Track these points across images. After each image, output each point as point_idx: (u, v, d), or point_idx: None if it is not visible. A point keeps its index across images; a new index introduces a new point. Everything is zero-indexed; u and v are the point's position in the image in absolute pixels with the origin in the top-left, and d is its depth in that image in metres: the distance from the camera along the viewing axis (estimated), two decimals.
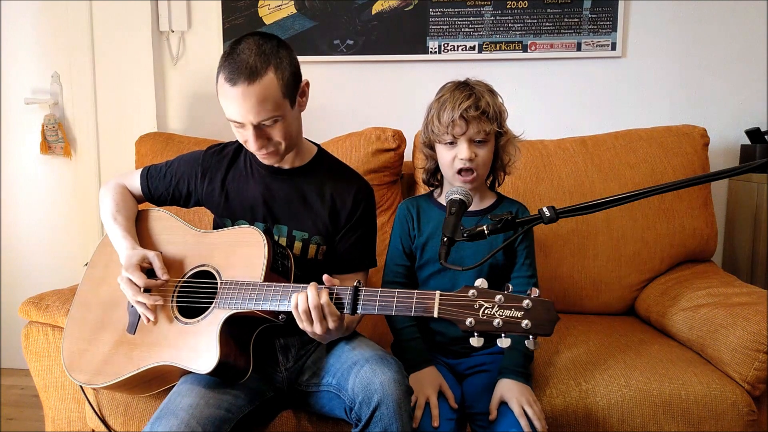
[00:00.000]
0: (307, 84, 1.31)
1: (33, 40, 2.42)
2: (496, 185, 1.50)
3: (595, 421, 1.37)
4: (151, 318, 1.25)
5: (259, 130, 1.22)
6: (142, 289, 1.24)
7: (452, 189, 1.20)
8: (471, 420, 1.34)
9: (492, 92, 1.37)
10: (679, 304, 1.66)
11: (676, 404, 1.37)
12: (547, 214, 1.04)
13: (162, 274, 1.27)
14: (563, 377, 1.42)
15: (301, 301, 1.12)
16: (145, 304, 1.24)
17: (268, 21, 2.34)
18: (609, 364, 1.46)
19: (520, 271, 1.42)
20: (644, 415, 1.37)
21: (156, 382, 1.33)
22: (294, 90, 1.25)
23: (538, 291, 1.00)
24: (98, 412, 1.49)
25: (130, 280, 1.24)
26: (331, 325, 1.13)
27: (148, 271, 1.29)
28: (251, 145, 1.25)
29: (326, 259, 1.39)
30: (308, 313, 1.12)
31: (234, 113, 1.20)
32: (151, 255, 1.29)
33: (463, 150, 1.33)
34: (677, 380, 1.39)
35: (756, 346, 1.36)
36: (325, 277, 1.15)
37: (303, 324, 1.15)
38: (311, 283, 1.14)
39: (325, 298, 1.11)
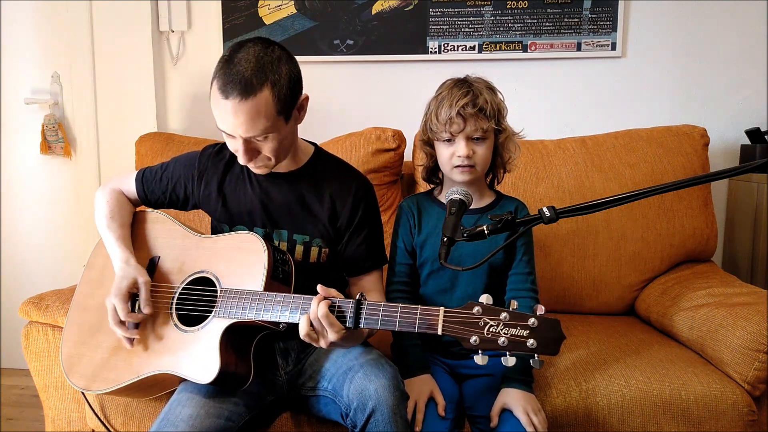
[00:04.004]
0: (307, 99, 1.26)
1: (33, 40, 2.41)
2: (496, 183, 1.50)
3: (596, 421, 1.37)
4: (128, 347, 1.25)
5: (249, 143, 1.19)
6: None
7: (452, 189, 1.19)
8: (471, 422, 1.34)
9: (491, 89, 1.37)
10: (679, 304, 1.66)
11: (676, 404, 1.37)
12: (547, 214, 1.04)
13: (144, 306, 1.24)
14: (563, 377, 1.42)
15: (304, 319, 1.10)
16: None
17: (268, 21, 2.33)
18: (609, 365, 1.46)
19: (518, 267, 1.41)
20: (644, 415, 1.37)
21: (156, 387, 1.33)
22: (290, 106, 1.20)
23: (543, 308, 1.00)
24: (98, 414, 1.49)
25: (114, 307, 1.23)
26: (332, 337, 1.09)
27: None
28: (240, 158, 1.22)
29: (330, 262, 1.37)
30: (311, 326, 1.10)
31: (224, 125, 1.17)
32: (141, 282, 1.25)
33: (461, 147, 1.33)
34: (677, 380, 1.39)
35: (756, 346, 1.36)
36: (319, 287, 1.11)
37: (307, 339, 1.11)
38: (314, 298, 1.11)
39: (324, 310, 1.07)
